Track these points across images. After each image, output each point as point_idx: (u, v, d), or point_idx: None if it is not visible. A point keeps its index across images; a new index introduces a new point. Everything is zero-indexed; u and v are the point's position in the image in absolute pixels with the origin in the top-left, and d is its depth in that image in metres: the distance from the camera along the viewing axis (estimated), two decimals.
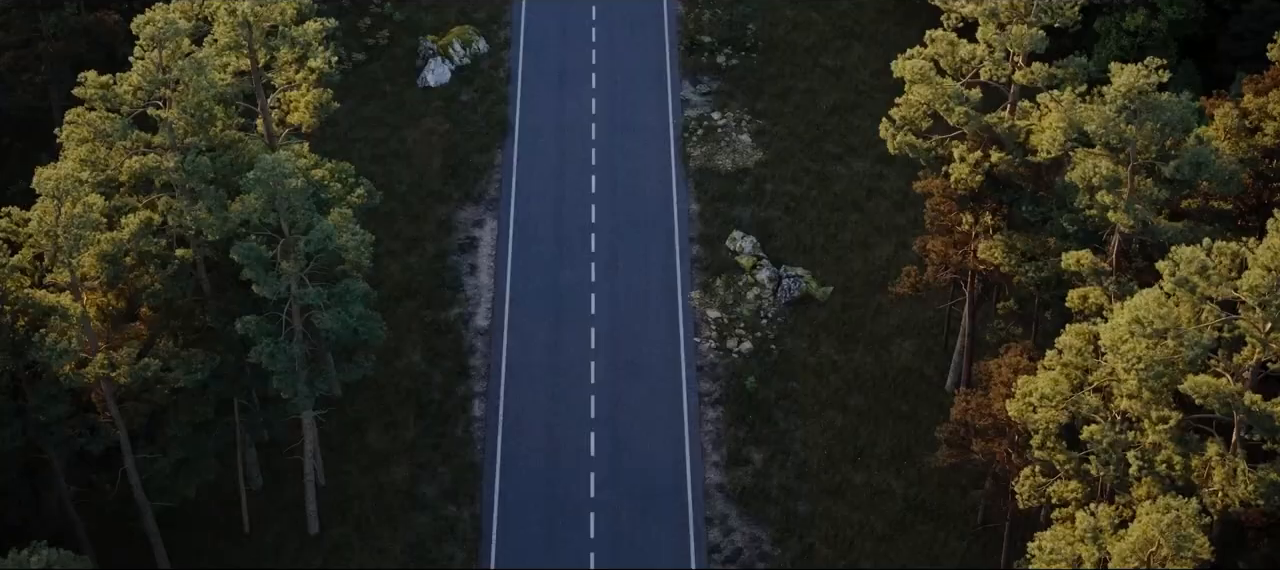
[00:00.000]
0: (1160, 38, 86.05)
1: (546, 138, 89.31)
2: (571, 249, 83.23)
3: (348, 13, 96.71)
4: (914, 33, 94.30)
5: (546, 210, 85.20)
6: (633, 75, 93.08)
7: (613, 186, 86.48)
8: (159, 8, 63.02)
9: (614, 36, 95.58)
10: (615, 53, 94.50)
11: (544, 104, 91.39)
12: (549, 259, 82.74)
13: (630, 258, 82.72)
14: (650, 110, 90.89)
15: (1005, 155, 65.65)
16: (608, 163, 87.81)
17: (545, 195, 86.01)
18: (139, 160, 63.07)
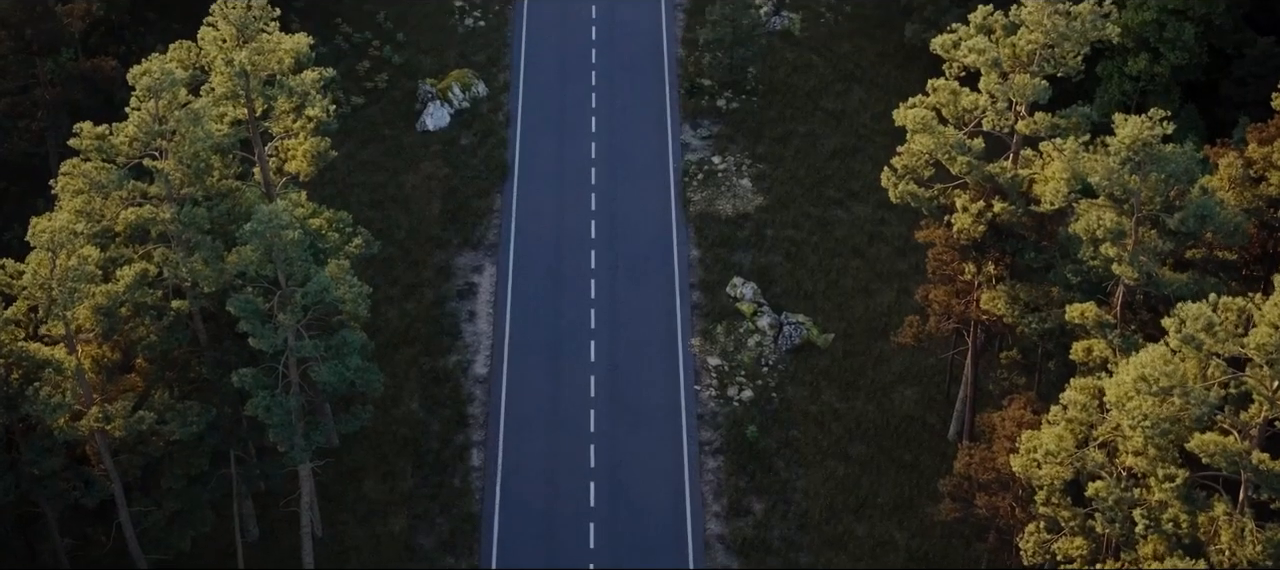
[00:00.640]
0: (1162, 83, 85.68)
1: (546, 182, 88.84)
2: (571, 295, 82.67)
3: (346, 56, 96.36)
4: (915, 76, 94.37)
5: (546, 256, 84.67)
6: (633, 118, 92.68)
7: (612, 232, 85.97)
8: (155, 58, 62.60)
9: (614, 79, 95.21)
10: (615, 95, 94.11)
11: (543, 147, 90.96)
12: (548, 305, 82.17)
13: (630, 304, 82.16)
14: (650, 154, 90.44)
15: (1008, 205, 65.15)
16: (607, 207, 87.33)
17: (544, 240, 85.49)
18: (135, 211, 62.53)
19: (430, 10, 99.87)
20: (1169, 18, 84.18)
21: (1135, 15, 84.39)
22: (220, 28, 65.13)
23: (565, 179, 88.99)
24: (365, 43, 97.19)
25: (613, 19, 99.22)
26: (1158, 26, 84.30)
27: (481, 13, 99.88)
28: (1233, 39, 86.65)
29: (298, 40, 66.41)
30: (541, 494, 73.64)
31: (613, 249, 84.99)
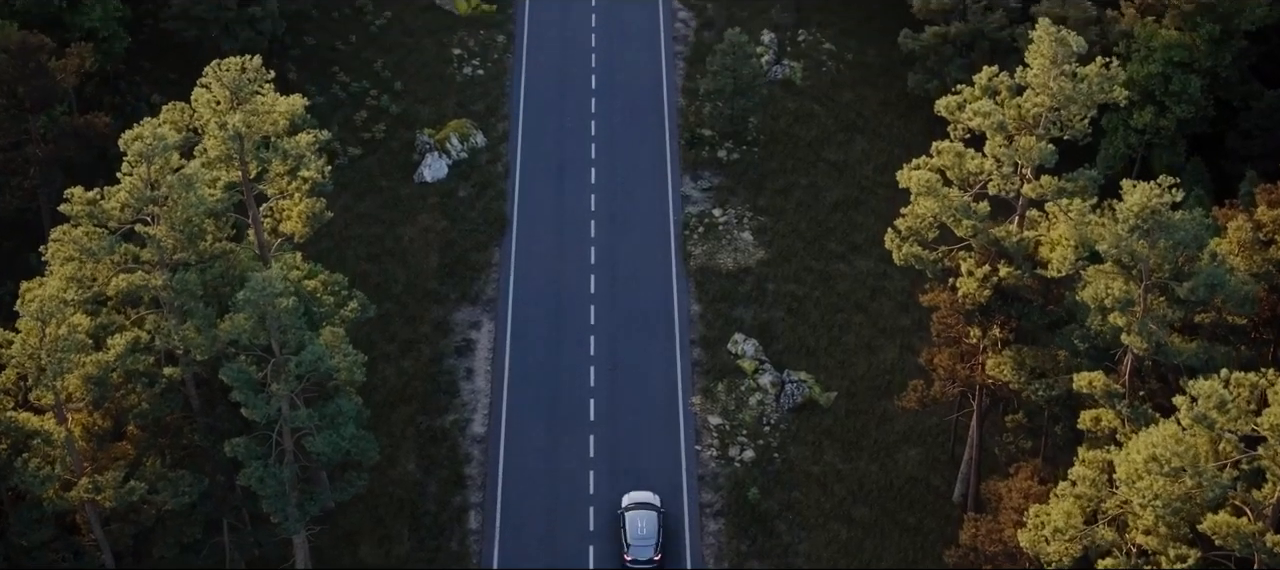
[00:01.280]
0: (1168, 136, 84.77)
1: (545, 235, 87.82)
2: (570, 352, 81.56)
3: (344, 106, 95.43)
4: (917, 126, 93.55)
5: (545, 311, 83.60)
6: (633, 170, 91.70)
7: (612, 287, 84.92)
8: (148, 123, 61.59)
9: (614, 129, 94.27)
10: (615, 146, 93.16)
11: (542, 200, 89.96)
12: (547, 363, 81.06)
13: (630, 361, 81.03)
14: (650, 206, 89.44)
15: (1013, 269, 64.15)
16: (607, 261, 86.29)
17: (543, 295, 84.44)
18: (126, 278, 61.50)
19: (428, 59, 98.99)
20: (1175, 71, 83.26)
21: (1140, 68, 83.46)
22: (214, 90, 64.11)
23: (564, 232, 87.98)
24: (363, 92, 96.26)
25: (613, 67, 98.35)
26: (1163, 79, 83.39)
27: (480, 61, 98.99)
28: (1239, 91, 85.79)
29: (293, 102, 65.47)
30: (541, 557, 72.45)
31: (612, 305, 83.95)
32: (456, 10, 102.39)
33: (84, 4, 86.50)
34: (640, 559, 70.77)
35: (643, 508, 72.38)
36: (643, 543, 70.92)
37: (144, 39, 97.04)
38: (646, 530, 71.44)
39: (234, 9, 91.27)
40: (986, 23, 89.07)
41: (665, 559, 71.62)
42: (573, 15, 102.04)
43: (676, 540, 72.99)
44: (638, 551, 70.91)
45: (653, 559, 70.91)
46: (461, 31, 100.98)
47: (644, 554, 70.81)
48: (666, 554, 71.81)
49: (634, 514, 72.07)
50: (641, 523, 71.71)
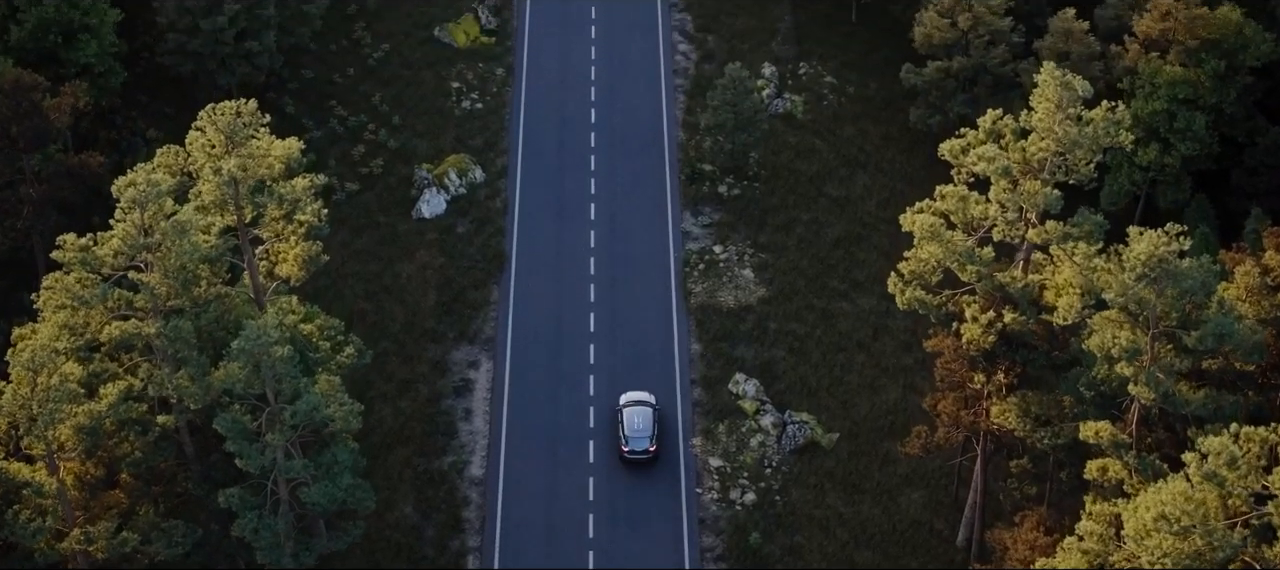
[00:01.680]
0: (1173, 173, 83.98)
1: (544, 272, 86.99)
2: (569, 392, 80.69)
3: (341, 140, 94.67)
4: (919, 160, 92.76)
5: (543, 351, 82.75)
6: (633, 205, 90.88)
7: (612, 325, 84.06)
8: (141, 169, 60.87)
9: (614, 164, 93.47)
10: (615, 181, 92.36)
11: (542, 236, 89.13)
12: (546, 403, 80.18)
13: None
14: (650, 243, 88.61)
15: (1018, 315, 63.31)
16: (607, 299, 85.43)
17: (542, 334, 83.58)
18: (119, 325, 60.71)
19: (427, 92, 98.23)
20: (1179, 108, 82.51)
21: (1145, 105, 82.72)
22: (208, 133, 63.33)
23: (563, 269, 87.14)
24: (361, 126, 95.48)
25: (612, 100, 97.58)
26: (1168, 116, 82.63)
27: (479, 95, 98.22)
28: (1244, 127, 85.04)
29: (288, 145, 64.72)
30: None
31: (612, 344, 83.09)
32: (455, 43, 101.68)
33: (79, 40, 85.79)
34: (636, 449, 76.40)
35: (638, 405, 77.12)
36: (639, 435, 76.55)
37: (140, 73, 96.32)
38: (642, 425, 76.73)
39: (230, 44, 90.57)
40: (989, 58, 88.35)
41: (659, 450, 76.68)
42: (572, 47, 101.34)
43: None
44: (634, 443, 76.46)
45: (648, 450, 76.54)
46: (460, 64, 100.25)
47: (640, 445, 76.47)
48: (660, 447, 77.10)
49: (630, 410, 77.25)
50: (638, 418, 76.99)
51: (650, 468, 77.02)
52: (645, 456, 76.38)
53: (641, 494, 75.96)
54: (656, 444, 76.58)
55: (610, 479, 76.66)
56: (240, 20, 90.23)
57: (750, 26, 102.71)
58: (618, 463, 77.12)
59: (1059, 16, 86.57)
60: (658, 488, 76.24)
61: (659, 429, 77.14)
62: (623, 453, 76.35)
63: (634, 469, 76.87)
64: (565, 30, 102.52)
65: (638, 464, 76.85)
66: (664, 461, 77.42)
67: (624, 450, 76.35)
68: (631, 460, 76.30)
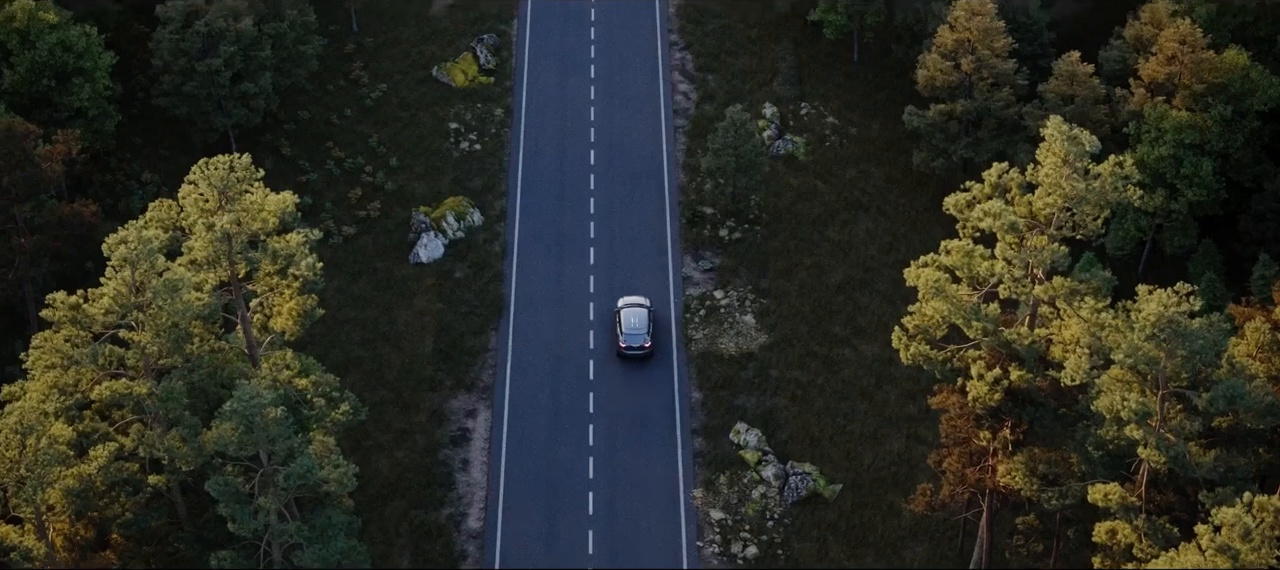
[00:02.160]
0: (1179, 219, 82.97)
1: (543, 319, 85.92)
2: (568, 442, 79.61)
3: (338, 182, 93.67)
4: (922, 203, 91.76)
5: (542, 399, 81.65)
6: (632, 249, 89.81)
7: (611, 374, 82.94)
8: (133, 226, 59.87)
9: (613, 206, 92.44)
10: (614, 224, 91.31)
11: (540, 281, 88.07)
12: (544, 453, 79.10)
13: (630, 453, 79.07)
14: (651, 288, 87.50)
15: (1025, 373, 62.28)
16: (606, 347, 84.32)
17: (541, 382, 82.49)
18: (110, 385, 59.62)
19: (425, 133, 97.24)
20: (1186, 153, 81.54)
21: (1151, 150, 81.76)
22: (201, 188, 62.32)
23: (563, 315, 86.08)
24: (358, 168, 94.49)
25: (612, 141, 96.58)
26: (1174, 162, 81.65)
27: (478, 136, 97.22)
28: (1252, 173, 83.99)
29: (283, 199, 63.73)
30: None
31: (612, 392, 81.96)
32: (454, 82, 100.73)
33: (73, 84, 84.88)
34: (632, 345, 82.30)
35: (635, 307, 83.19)
36: (634, 333, 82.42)
37: (135, 114, 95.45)
38: (638, 323, 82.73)
39: (226, 86, 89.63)
40: (993, 100, 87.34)
41: (653, 347, 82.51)
42: (572, 87, 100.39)
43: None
44: (630, 339, 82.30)
45: (643, 346, 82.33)
46: (459, 104, 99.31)
47: (635, 341, 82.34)
48: (653, 346, 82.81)
49: (627, 311, 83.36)
50: (634, 318, 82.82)
51: (650, 522, 75.91)
52: (641, 352, 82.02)
53: (641, 547, 74.85)
54: (652, 341, 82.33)
55: (610, 531, 75.51)
56: (236, 62, 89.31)
57: (751, 66, 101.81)
58: (618, 516, 75.96)
59: (1063, 59, 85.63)
60: (657, 541, 75.12)
61: (654, 328, 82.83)
62: (620, 349, 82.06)
63: (633, 524, 75.74)
64: (565, 69, 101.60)
65: (637, 525, 75.60)
66: (664, 513, 76.23)
67: (621, 346, 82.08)
68: (628, 356, 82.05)
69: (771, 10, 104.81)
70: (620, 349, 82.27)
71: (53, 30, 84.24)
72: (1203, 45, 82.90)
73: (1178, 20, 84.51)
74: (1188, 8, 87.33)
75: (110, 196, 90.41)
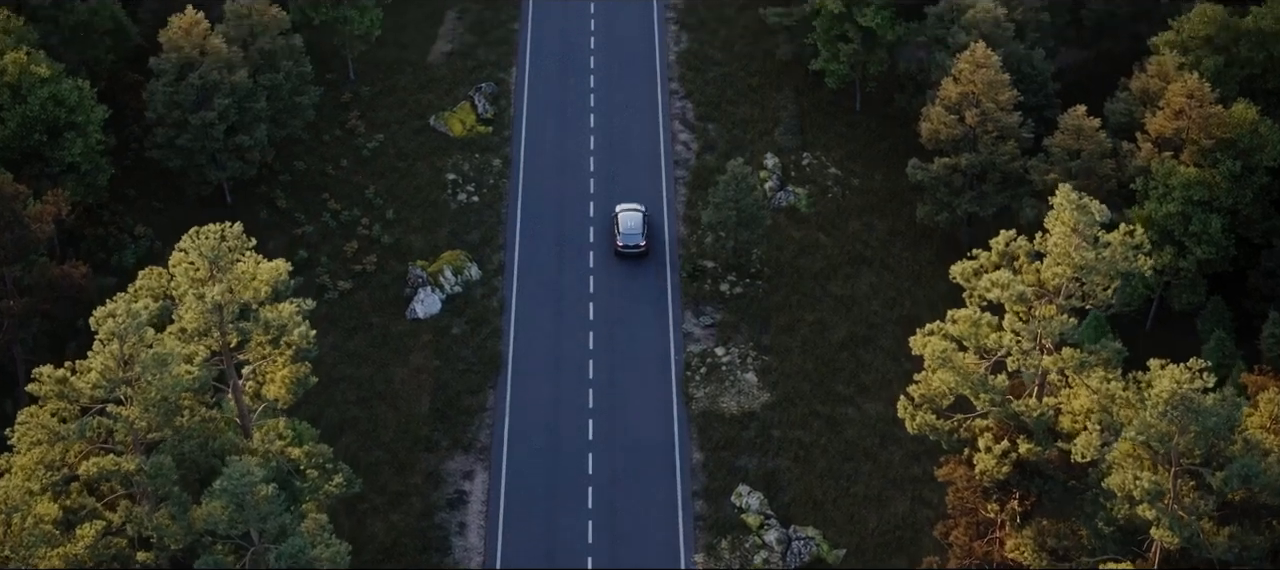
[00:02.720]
0: (1188, 276, 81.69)
1: (541, 376, 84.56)
2: (567, 505, 78.18)
3: (334, 235, 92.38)
4: (926, 257, 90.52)
5: (541, 460, 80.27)
6: (632, 304, 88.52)
7: (610, 433, 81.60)
8: (121, 298, 58.53)
9: (613, 260, 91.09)
10: (613, 278, 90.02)
11: (539, 338, 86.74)
12: (543, 516, 77.66)
13: (629, 516, 77.67)
14: (650, 345, 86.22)
15: (1034, 446, 60.95)
16: (605, 405, 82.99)
17: (539, 443, 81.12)
18: (97, 461, 58.24)
19: (422, 184, 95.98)
20: (1195, 210, 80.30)
21: (1159, 207, 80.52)
22: (191, 257, 61.02)
23: (561, 373, 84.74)
24: (354, 220, 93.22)
25: (612, 193, 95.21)
26: (1183, 219, 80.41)
27: (476, 187, 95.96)
28: (1261, 228, 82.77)
29: (276, 267, 62.45)
30: None
31: (611, 453, 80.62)
32: (451, 132, 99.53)
33: (65, 138, 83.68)
34: (629, 245, 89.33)
35: (631, 211, 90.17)
36: (631, 233, 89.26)
37: (129, 165, 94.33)
38: (634, 225, 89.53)
39: (221, 139, 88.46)
40: (998, 154, 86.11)
41: (648, 246, 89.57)
42: (571, 137, 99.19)
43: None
44: (627, 239, 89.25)
45: (639, 245, 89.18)
46: (456, 154, 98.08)
47: (632, 241, 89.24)
48: (649, 245, 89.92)
49: (624, 213, 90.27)
50: (630, 220, 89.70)
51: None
52: (637, 251, 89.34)
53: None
54: (647, 242, 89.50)
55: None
56: (231, 115, 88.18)
57: (752, 115, 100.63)
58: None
59: (1070, 113, 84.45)
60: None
61: (649, 230, 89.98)
62: (618, 248, 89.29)
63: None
64: (564, 119, 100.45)
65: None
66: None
67: (619, 246, 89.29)
68: (625, 254, 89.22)
69: (772, 58, 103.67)
70: (618, 248, 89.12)
71: (44, 84, 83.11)
72: (1211, 100, 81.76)
73: (1185, 74, 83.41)
74: (1195, 61, 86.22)
75: (103, 250, 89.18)
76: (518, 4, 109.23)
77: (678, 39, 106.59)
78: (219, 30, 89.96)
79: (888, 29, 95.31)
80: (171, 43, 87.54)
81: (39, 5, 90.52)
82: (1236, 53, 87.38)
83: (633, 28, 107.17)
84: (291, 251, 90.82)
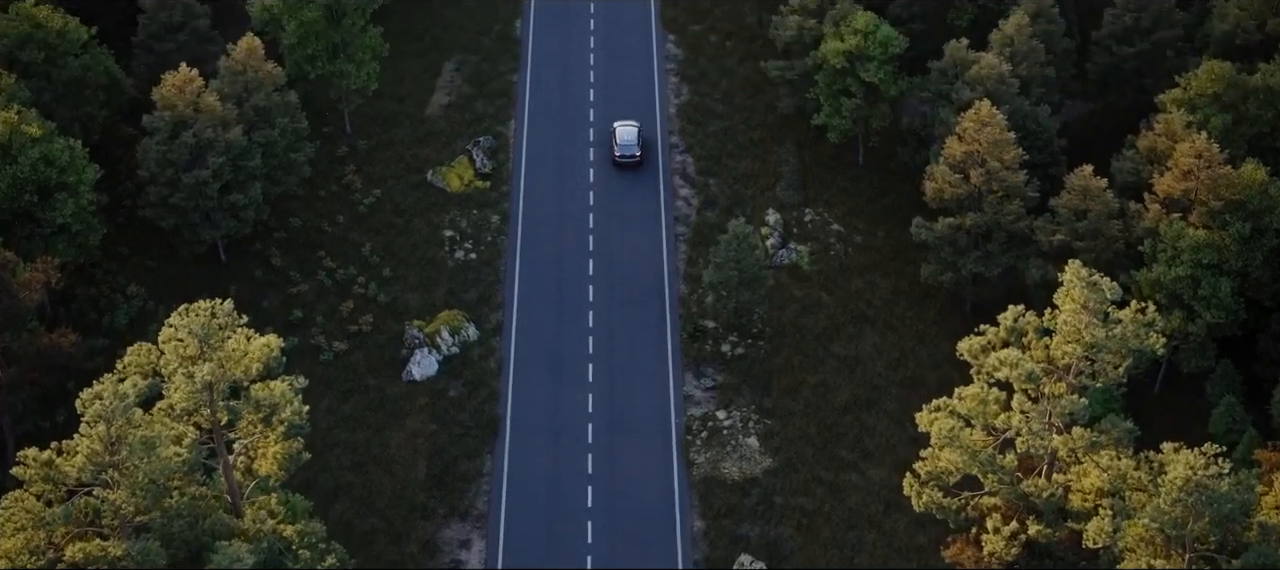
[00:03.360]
0: (1197, 341, 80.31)
1: (539, 441, 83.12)
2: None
3: (329, 294, 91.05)
4: (930, 316, 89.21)
5: (538, 529, 78.74)
6: (632, 366, 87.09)
7: (610, 500, 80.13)
8: (108, 379, 57.13)
9: (612, 320, 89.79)
10: (614, 339, 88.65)
11: (537, 400, 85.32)
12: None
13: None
14: (651, 407, 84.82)
15: (1043, 527, 59.53)
16: (605, 471, 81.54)
17: (537, 511, 79.60)
18: (82, 546, 56.79)
19: (419, 241, 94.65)
20: (1204, 273, 78.98)
21: (1167, 270, 79.17)
22: (181, 335, 59.65)
23: (560, 437, 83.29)
24: (350, 279, 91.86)
25: (611, 250, 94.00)
26: (1192, 283, 79.06)
27: (473, 244, 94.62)
28: (1270, 291, 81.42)
29: (268, 344, 61.09)
30: None
31: (611, 521, 79.13)
32: (449, 187, 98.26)
33: (56, 199, 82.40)
34: (625, 154, 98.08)
35: (627, 126, 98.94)
36: (627, 144, 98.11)
37: (122, 223, 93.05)
38: (630, 137, 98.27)
39: (215, 198, 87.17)
40: (1003, 214, 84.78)
41: (643, 156, 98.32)
42: (570, 192, 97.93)
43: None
44: (623, 150, 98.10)
45: (635, 155, 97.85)
46: (454, 211, 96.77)
47: (628, 152, 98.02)
48: (644, 154, 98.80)
49: (621, 127, 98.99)
50: (627, 133, 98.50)
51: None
52: (632, 160, 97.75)
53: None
54: (642, 152, 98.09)
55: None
56: (225, 173, 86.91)
57: (753, 169, 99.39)
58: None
59: (1076, 173, 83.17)
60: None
61: (643, 142, 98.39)
62: (615, 158, 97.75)
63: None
64: (562, 172, 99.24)
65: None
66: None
67: (616, 156, 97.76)
68: (622, 163, 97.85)
69: (773, 112, 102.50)
70: (615, 158, 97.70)
71: (35, 144, 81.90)
72: (1219, 160, 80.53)
73: (1193, 133, 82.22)
74: (1203, 119, 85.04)
75: (94, 311, 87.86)
76: (517, 55, 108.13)
77: (678, 91, 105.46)
78: (213, 86, 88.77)
79: (891, 84, 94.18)
80: (165, 100, 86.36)
81: (31, 61, 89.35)
82: (1245, 110, 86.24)
83: (633, 78, 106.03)
84: (286, 311, 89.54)
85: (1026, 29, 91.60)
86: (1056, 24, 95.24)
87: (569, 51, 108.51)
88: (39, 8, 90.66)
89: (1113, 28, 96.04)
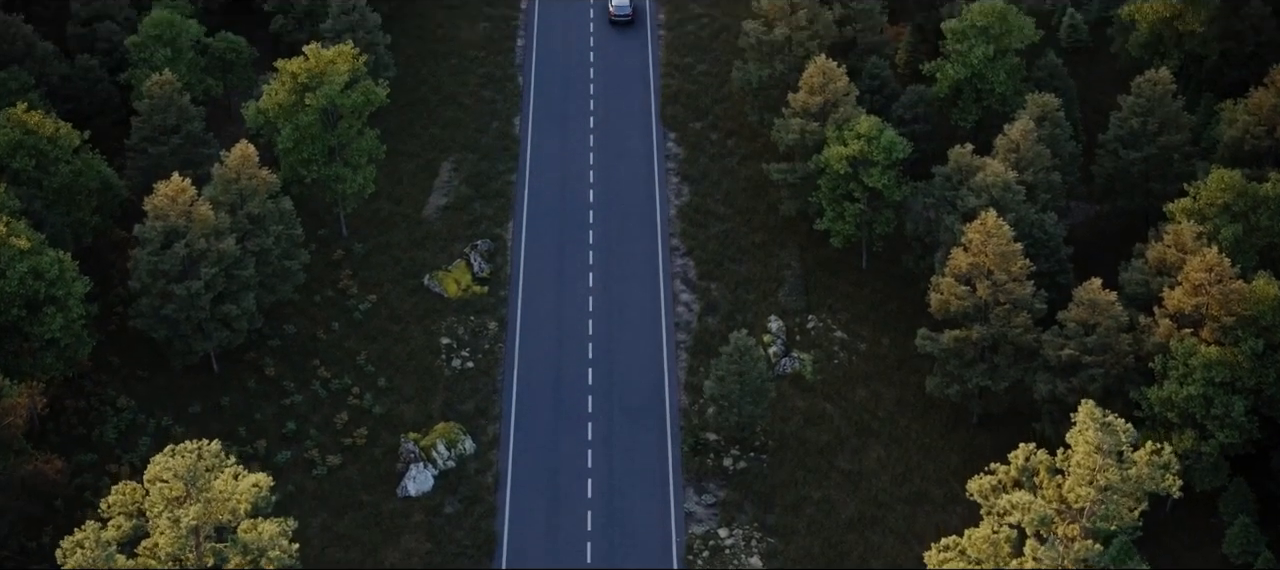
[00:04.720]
0: (1210, 460, 78.49)
1: (537, 562, 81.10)
2: None
3: (323, 406, 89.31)
4: (935, 427, 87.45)
5: None
6: (632, 481, 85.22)
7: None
8: (91, 526, 55.46)
9: (612, 432, 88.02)
10: (613, 452, 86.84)
11: (535, 519, 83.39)
12: None
13: None
14: (651, 526, 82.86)
15: None
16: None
17: None
18: None
19: (415, 349, 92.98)
20: (1217, 392, 77.24)
21: (1179, 389, 77.42)
22: (167, 478, 57.92)
23: (558, 558, 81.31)
24: (345, 390, 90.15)
25: (611, 359, 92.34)
26: (1204, 402, 77.31)
27: (471, 352, 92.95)
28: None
29: (257, 482, 59.35)
30: None
31: None
32: (446, 293, 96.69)
33: (45, 313, 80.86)
34: (620, 13, 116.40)
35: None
36: (621, 5, 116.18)
37: (112, 332, 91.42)
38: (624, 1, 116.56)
39: (206, 309, 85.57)
40: (1010, 326, 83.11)
41: (634, 15, 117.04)
42: (570, 298, 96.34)
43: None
44: (618, 10, 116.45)
45: (628, 15, 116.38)
46: (451, 317, 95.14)
47: (623, 12, 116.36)
48: (635, 14, 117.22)
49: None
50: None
51: None
52: (626, 18, 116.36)
53: None
54: (634, 11, 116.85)
55: None
56: (218, 283, 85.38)
57: (755, 273, 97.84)
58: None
59: (1084, 287, 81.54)
60: None
61: (634, 6, 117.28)
62: (611, 17, 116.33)
63: None
64: (562, 277, 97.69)
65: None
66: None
67: (611, 16, 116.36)
68: (616, 22, 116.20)
69: (775, 214, 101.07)
70: (611, 17, 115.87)
71: (23, 258, 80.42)
72: (1231, 274, 78.97)
73: (1203, 246, 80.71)
74: (1213, 229, 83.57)
75: (83, 424, 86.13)
76: (516, 154, 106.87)
77: (679, 192, 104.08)
78: (206, 193, 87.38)
79: (894, 190, 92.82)
80: (157, 210, 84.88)
81: (21, 168, 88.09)
82: (1256, 220, 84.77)
83: (634, 178, 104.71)
84: (280, 422, 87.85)
85: (1032, 134, 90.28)
86: (1062, 127, 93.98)
87: (568, 150, 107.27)
88: (30, 114, 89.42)
89: (1119, 131, 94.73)
